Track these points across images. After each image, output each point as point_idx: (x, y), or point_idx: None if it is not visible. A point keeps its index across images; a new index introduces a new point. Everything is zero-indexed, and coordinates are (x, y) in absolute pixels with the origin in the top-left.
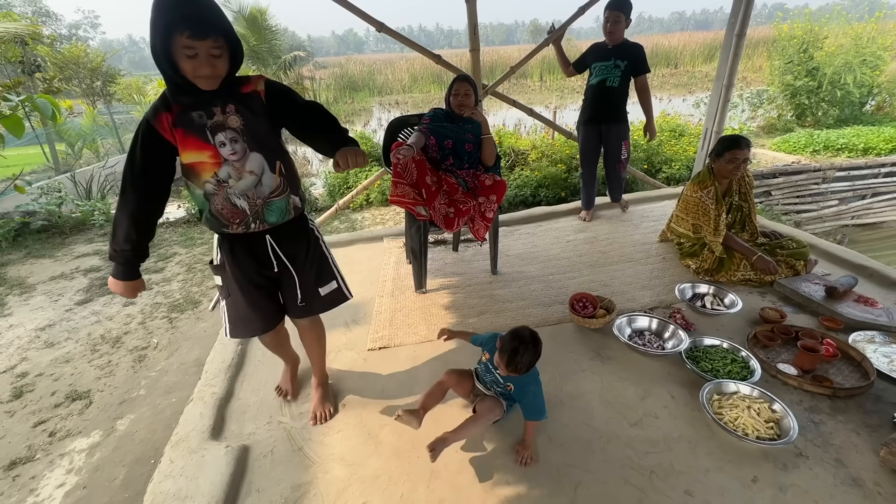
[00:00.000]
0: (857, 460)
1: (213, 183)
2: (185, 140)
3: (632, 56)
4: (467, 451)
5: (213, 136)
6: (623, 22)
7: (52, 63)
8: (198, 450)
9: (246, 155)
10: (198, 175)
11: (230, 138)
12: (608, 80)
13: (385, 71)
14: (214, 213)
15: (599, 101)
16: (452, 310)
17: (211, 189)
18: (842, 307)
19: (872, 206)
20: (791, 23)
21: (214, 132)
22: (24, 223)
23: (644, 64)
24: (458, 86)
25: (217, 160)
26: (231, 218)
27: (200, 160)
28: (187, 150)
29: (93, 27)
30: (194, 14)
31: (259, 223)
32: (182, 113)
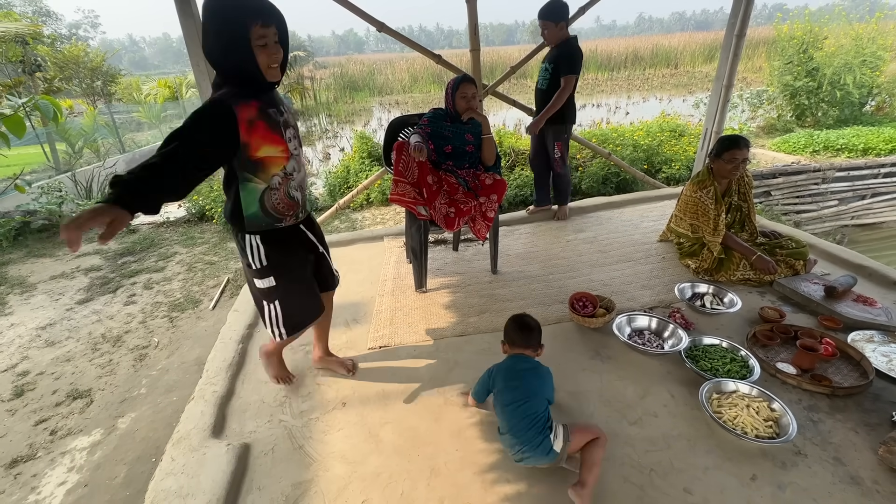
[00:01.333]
0: (856, 459)
1: (281, 176)
2: (266, 135)
3: (557, 60)
4: (467, 449)
5: (284, 132)
6: (552, 28)
7: (53, 63)
8: (199, 448)
9: (301, 150)
10: (266, 170)
11: (294, 135)
12: (539, 83)
13: (385, 71)
14: (268, 209)
15: (537, 102)
16: (453, 309)
17: (276, 183)
18: (841, 307)
19: (872, 206)
20: (790, 23)
21: (285, 128)
22: (24, 222)
23: (567, 65)
24: (466, 87)
25: (287, 154)
26: (286, 210)
27: (274, 155)
28: (265, 145)
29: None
30: (261, 3)
31: (304, 212)
32: (263, 109)
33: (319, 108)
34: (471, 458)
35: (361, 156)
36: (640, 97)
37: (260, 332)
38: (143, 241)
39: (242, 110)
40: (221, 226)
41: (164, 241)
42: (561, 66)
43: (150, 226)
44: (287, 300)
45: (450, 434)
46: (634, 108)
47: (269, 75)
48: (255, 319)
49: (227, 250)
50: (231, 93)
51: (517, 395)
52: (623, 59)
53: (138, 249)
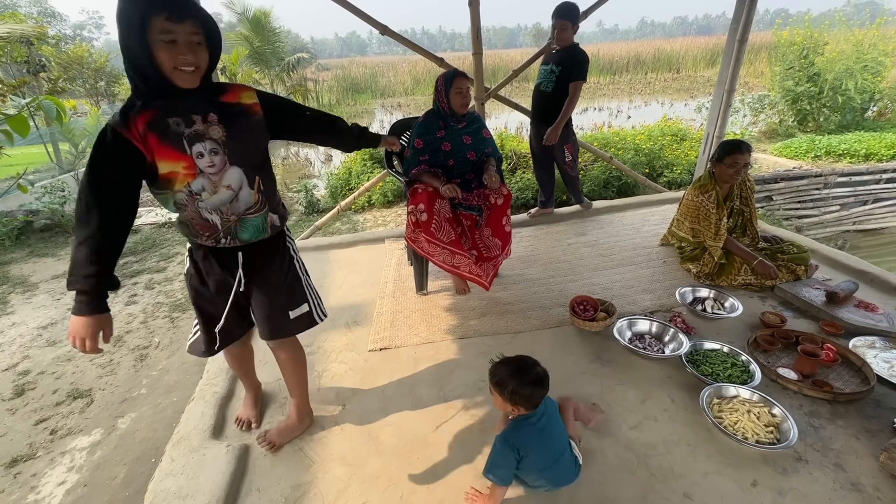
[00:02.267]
0: (857, 465)
1: (185, 194)
2: (160, 148)
3: (568, 63)
4: (467, 453)
5: (190, 147)
6: (569, 29)
7: (57, 63)
8: (199, 449)
9: (224, 168)
10: (170, 184)
11: (210, 149)
12: (542, 85)
13: (387, 73)
14: (184, 221)
15: (537, 103)
16: (453, 312)
17: (181, 199)
18: (842, 312)
19: (874, 211)
20: (790, 29)
21: (192, 142)
22: (27, 222)
23: (577, 70)
24: (461, 81)
25: (192, 171)
26: (201, 230)
27: (174, 170)
28: (161, 159)
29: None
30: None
31: (230, 239)
32: (157, 119)
33: (322, 109)
34: (471, 462)
35: (363, 158)
36: (642, 101)
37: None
38: (145, 241)
39: (131, 125)
40: None
41: (166, 242)
42: (572, 71)
43: (151, 226)
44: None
45: (450, 437)
46: (636, 112)
47: (178, 80)
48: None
49: None
50: (126, 107)
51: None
52: (625, 62)
53: (140, 250)
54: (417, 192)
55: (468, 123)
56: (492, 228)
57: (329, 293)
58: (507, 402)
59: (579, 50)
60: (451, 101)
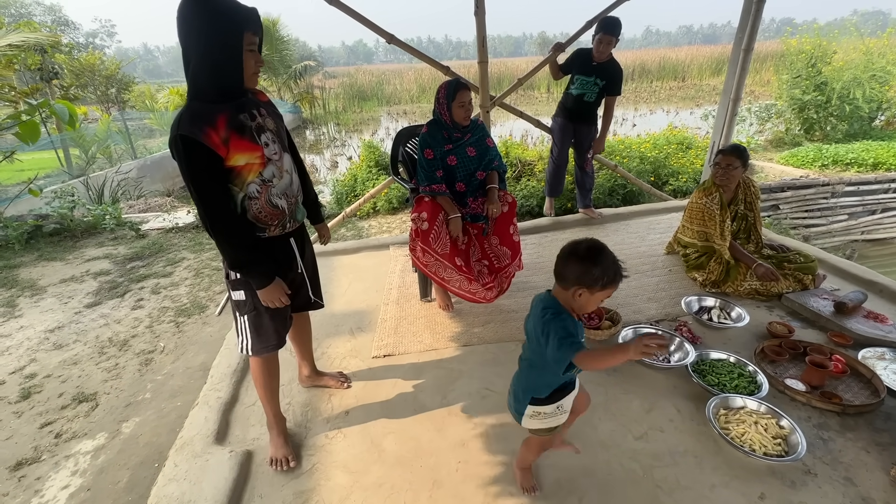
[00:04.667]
0: (867, 479)
1: (259, 183)
2: (238, 143)
3: (610, 77)
4: (470, 461)
5: (259, 137)
6: (613, 44)
7: (69, 70)
8: (202, 454)
9: (282, 155)
10: (243, 177)
11: (271, 139)
12: (586, 95)
13: (393, 81)
14: (251, 219)
15: (575, 108)
16: (457, 319)
17: (254, 190)
18: (851, 323)
19: (882, 221)
20: (800, 38)
21: (259, 133)
22: (36, 226)
23: (618, 86)
24: (464, 94)
25: (263, 160)
26: (270, 219)
27: (249, 161)
28: (238, 153)
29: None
30: (253, 11)
31: (293, 222)
32: (232, 117)
33: (328, 116)
34: (474, 470)
35: (369, 165)
36: (647, 109)
37: None
38: (152, 246)
39: (210, 135)
40: None
41: (173, 247)
42: (615, 86)
43: (159, 231)
44: (256, 318)
45: (453, 445)
46: (641, 121)
47: (251, 82)
48: None
49: None
50: (195, 115)
51: None
52: (630, 71)
53: (147, 254)
54: (423, 201)
55: (472, 133)
56: (499, 237)
57: (333, 299)
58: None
59: (617, 64)
60: (453, 114)
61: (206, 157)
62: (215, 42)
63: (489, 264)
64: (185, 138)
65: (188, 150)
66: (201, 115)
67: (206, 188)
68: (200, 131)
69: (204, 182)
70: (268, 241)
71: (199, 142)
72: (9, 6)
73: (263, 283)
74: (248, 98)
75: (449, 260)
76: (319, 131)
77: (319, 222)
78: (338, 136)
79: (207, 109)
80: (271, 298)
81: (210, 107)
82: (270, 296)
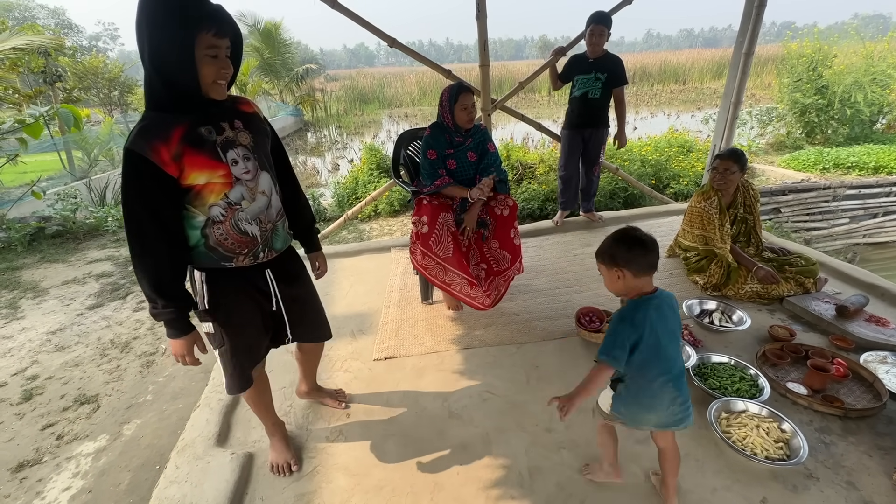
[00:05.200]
0: (870, 483)
1: (223, 206)
2: (194, 160)
3: (611, 69)
4: (471, 464)
5: (224, 154)
6: (605, 35)
7: (73, 73)
8: (203, 456)
9: (257, 174)
10: (203, 199)
11: (242, 155)
12: (590, 93)
13: (395, 84)
14: (213, 246)
15: (582, 111)
16: (458, 322)
17: (218, 214)
18: (853, 326)
19: (884, 225)
20: (800, 41)
21: (226, 149)
22: (39, 228)
23: (622, 77)
24: (466, 98)
25: (229, 180)
26: (238, 248)
27: (210, 181)
28: (195, 171)
29: (112, 39)
30: (216, 11)
31: (267, 251)
32: (189, 130)
33: (329, 119)
34: (475, 472)
35: (370, 167)
36: (649, 112)
37: None
38: None
39: (160, 151)
40: None
41: None
42: (617, 77)
43: None
44: (225, 353)
45: (454, 448)
46: (642, 124)
47: (213, 92)
48: None
49: None
50: (147, 128)
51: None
52: (631, 74)
53: None
54: (422, 204)
55: (473, 138)
56: (499, 241)
57: (335, 301)
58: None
59: (615, 56)
60: (455, 116)
61: (149, 176)
62: (163, 43)
63: (487, 268)
64: (131, 153)
65: (131, 165)
66: (154, 128)
67: (140, 209)
68: (149, 146)
69: (140, 202)
70: (237, 271)
71: (146, 157)
72: (13, 9)
73: (172, 334)
74: (220, 108)
75: (449, 263)
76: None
77: (314, 251)
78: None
79: (163, 121)
80: (176, 351)
81: (167, 118)
82: (175, 349)
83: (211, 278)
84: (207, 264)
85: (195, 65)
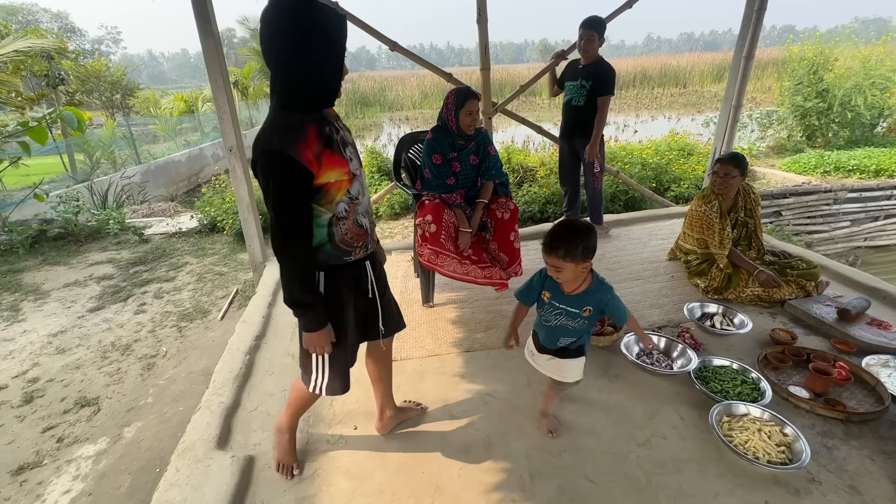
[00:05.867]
0: (873, 488)
1: (346, 202)
2: (330, 158)
3: (597, 77)
4: (472, 467)
5: (344, 151)
6: (596, 40)
7: (75, 76)
8: (203, 459)
9: (362, 171)
10: (331, 195)
11: (353, 153)
12: (573, 100)
13: (396, 87)
14: (338, 242)
15: (569, 119)
16: (459, 325)
17: (342, 210)
18: (854, 330)
19: (885, 228)
20: (802, 45)
21: (343, 147)
22: (41, 230)
23: (606, 86)
24: (472, 104)
25: (349, 176)
26: (356, 241)
27: (338, 178)
28: (329, 170)
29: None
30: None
31: (373, 242)
32: (320, 130)
33: None
34: (476, 476)
35: (371, 170)
36: (649, 115)
37: (267, 343)
38: (155, 250)
39: (304, 150)
40: (232, 237)
41: (176, 252)
42: (602, 86)
43: (162, 236)
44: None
45: (455, 452)
46: (643, 127)
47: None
48: (262, 330)
49: (236, 261)
50: (288, 128)
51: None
52: (632, 77)
53: (150, 259)
54: (425, 204)
55: (475, 142)
56: (498, 243)
57: None
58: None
59: (606, 64)
60: (459, 121)
61: (297, 175)
62: (327, 55)
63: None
64: (281, 154)
65: (280, 166)
66: (294, 129)
67: (295, 209)
68: (295, 147)
69: (294, 202)
70: (349, 267)
71: (293, 158)
72: (16, 13)
73: (316, 327)
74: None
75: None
76: None
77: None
78: None
79: (298, 122)
80: (318, 344)
81: (300, 118)
82: (318, 341)
83: (329, 277)
84: (330, 262)
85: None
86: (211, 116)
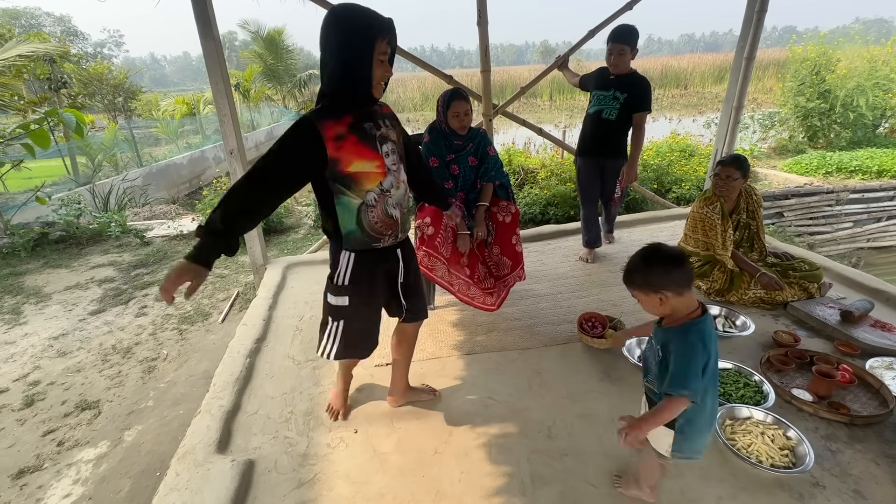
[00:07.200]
0: (877, 492)
1: (377, 192)
2: (357, 148)
3: (633, 91)
4: (473, 471)
5: (380, 147)
6: (628, 54)
7: (77, 80)
8: (204, 463)
9: (400, 166)
10: (361, 184)
11: (391, 150)
12: (604, 112)
13: (397, 89)
14: (366, 228)
15: (596, 133)
16: (460, 327)
17: (372, 199)
18: (858, 332)
19: (888, 229)
20: (804, 45)
21: (382, 143)
22: (43, 233)
23: (644, 102)
24: (457, 105)
25: (383, 170)
26: (384, 230)
27: (368, 170)
28: (357, 159)
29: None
30: (390, 22)
31: (403, 233)
32: (356, 122)
33: None
34: (477, 480)
35: None
36: (650, 117)
37: (268, 346)
38: (157, 253)
39: (329, 127)
40: None
41: (177, 254)
42: (640, 100)
43: (163, 239)
44: (351, 325)
45: (456, 456)
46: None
47: (376, 91)
48: (263, 333)
49: (237, 264)
50: (324, 109)
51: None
52: None
53: (151, 262)
54: (425, 206)
55: (472, 142)
56: (500, 246)
57: None
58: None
59: (642, 77)
60: (449, 122)
61: (306, 140)
62: (350, 51)
63: (487, 271)
64: (303, 119)
65: (296, 127)
66: (329, 109)
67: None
68: (320, 120)
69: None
70: (379, 252)
71: (313, 124)
72: (19, 17)
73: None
74: (374, 108)
75: (453, 264)
76: None
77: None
78: None
79: (338, 107)
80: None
81: (342, 105)
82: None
83: (358, 258)
84: (359, 246)
85: (371, 68)
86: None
